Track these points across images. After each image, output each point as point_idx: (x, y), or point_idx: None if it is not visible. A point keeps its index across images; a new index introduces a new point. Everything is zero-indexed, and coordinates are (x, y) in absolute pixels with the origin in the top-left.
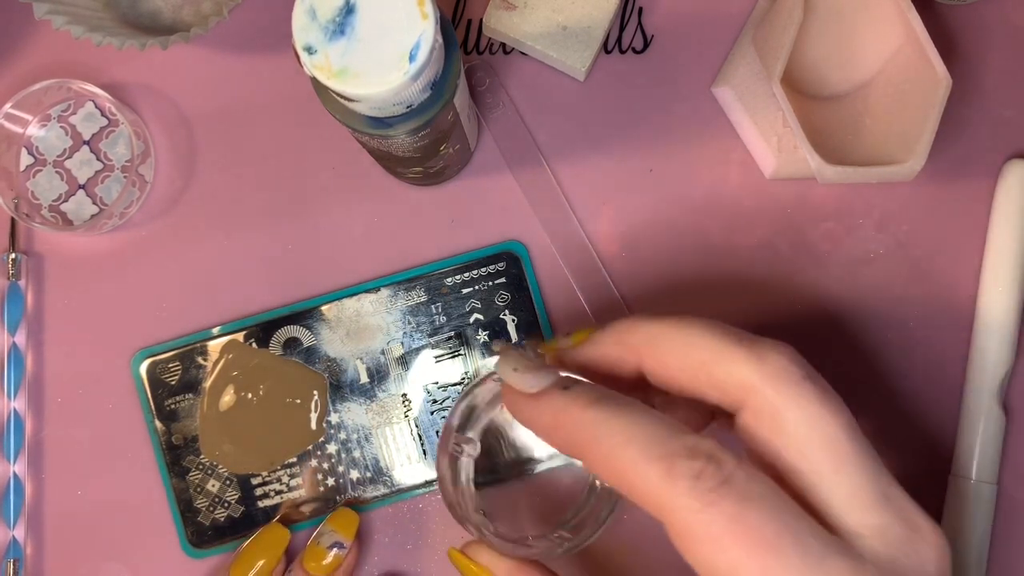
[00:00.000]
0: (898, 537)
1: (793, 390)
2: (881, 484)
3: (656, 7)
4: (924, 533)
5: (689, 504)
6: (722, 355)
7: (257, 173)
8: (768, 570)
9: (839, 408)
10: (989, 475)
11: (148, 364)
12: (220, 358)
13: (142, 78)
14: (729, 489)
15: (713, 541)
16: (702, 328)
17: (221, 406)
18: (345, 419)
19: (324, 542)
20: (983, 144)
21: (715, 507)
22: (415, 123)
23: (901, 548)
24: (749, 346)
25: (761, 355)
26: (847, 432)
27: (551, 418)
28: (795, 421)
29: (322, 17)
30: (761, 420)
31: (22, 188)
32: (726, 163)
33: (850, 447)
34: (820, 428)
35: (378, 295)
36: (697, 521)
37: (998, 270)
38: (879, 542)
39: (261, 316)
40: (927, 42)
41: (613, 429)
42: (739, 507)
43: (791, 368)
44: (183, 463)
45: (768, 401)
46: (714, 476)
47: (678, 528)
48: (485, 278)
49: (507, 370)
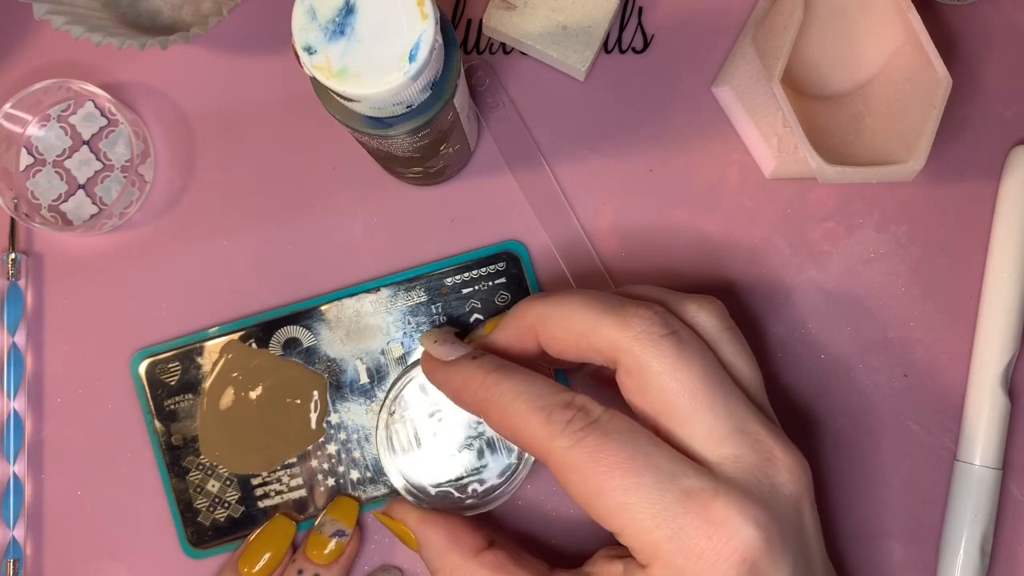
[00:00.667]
0: (752, 463)
1: (652, 348)
2: (735, 421)
3: (656, 7)
4: (778, 458)
5: (562, 443)
6: (596, 323)
7: (257, 173)
8: (626, 489)
9: (695, 358)
10: (994, 460)
11: (148, 364)
12: (220, 358)
13: (142, 78)
14: (594, 428)
15: (582, 470)
16: (579, 301)
17: (221, 406)
18: (345, 419)
19: (326, 531)
20: (983, 144)
21: (582, 443)
22: (415, 123)
23: (754, 472)
24: (618, 311)
25: (626, 319)
26: (702, 380)
27: (460, 381)
28: (655, 373)
29: (322, 17)
30: (631, 376)
31: (22, 188)
32: (726, 163)
33: (705, 392)
34: (677, 378)
35: (378, 295)
36: (568, 456)
37: (1004, 256)
38: (733, 468)
39: (261, 316)
40: (927, 42)
41: (506, 388)
42: (601, 440)
43: (652, 328)
44: (183, 463)
45: (634, 358)
46: (582, 420)
47: (556, 464)
48: (485, 278)
49: (429, 341)
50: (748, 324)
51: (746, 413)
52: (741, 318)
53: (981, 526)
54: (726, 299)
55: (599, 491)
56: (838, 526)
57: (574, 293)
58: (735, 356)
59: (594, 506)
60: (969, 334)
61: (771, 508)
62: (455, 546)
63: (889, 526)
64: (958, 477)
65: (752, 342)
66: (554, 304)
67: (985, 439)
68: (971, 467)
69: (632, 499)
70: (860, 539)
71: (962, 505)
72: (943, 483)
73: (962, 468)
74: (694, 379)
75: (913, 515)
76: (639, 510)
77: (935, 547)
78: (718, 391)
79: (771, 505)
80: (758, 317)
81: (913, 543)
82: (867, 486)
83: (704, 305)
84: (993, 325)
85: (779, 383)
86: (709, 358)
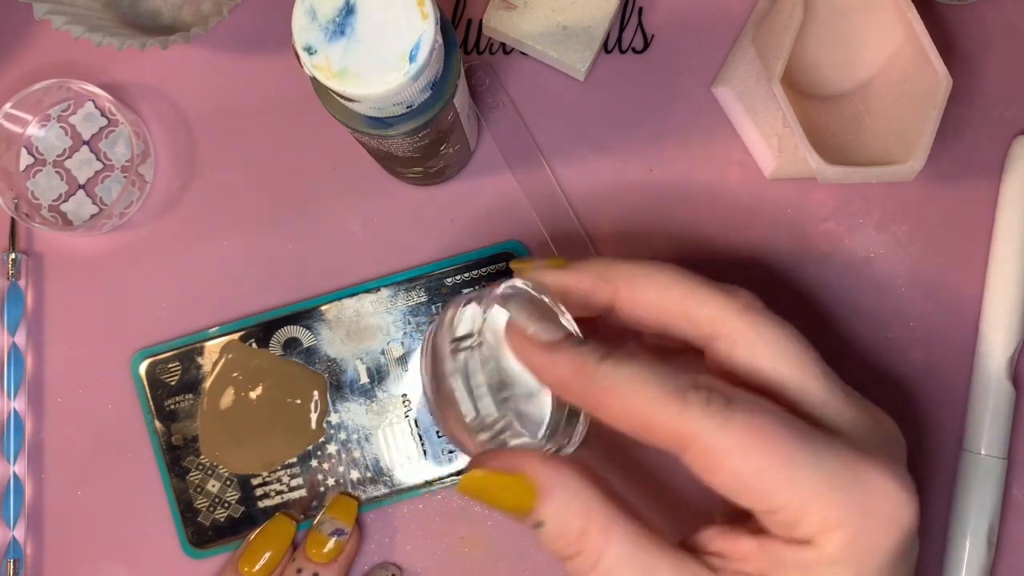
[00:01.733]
0: (866, 424)
1: (761, 319)
2: (840, 387)
3: (656, 7)
4: (880, 416)
5: (707, 426)
6: (697, 293)
7: (257, 173)
8: (789, 463)
9: (796, 332)
10: (999, 450)
11: (148, 364)
12: (220, 358)
13: (142, 78)
14: (737, 406)
15: (737, 451)
16: (676, 270)
17: (221, 406)
18: (345, 419)
19: (325, 529)
20: (983, 144)
21: (730, 422)
22: (415, 123)
23: (872, 432)
24: (719, 286)
25: (731, 292)
26: (807, 349)
27: (568, 371)
28: (765, 343)
29: (322, 17)
30: (736, 347)
31: (22, 188)
32: (726, 163)
33: (811, 360)
34: (786, 347)
35: (378, 295)
36: (718, 438)
37: (1007, 246)
38: (856, 431)
39: (261, 316)
40: (927, 42)
41: (626, 376)
42: (749, 418)
43: (756, 302)
44: (183, 463)
45: (741, 329)
46: (720, 399)
47: (702, 451)
48: (485, 278)
49: (523, 319)
50: None
51: (840, 380)
52: None
53: (987, 516)
54: None
55: (757, 471)
56: None
57: (668, 263)
58: None
59: (749, 488)
60: (970, 333)
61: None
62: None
63: None
64: (964, 467)
65: None
66: (649, 267)
67: (991, 428)
68: (977, 456)
69: (797, 474)
70: None
71: (968, 495)
72: (944, 483)
73: (968, 457)
74: (801, 349)
75: None
76: (806, 484)
77: (936, 546)
78: (819, 361)
79: (903, 463)
80: None
81: None
82: None
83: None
84: (998, 313)
85: None
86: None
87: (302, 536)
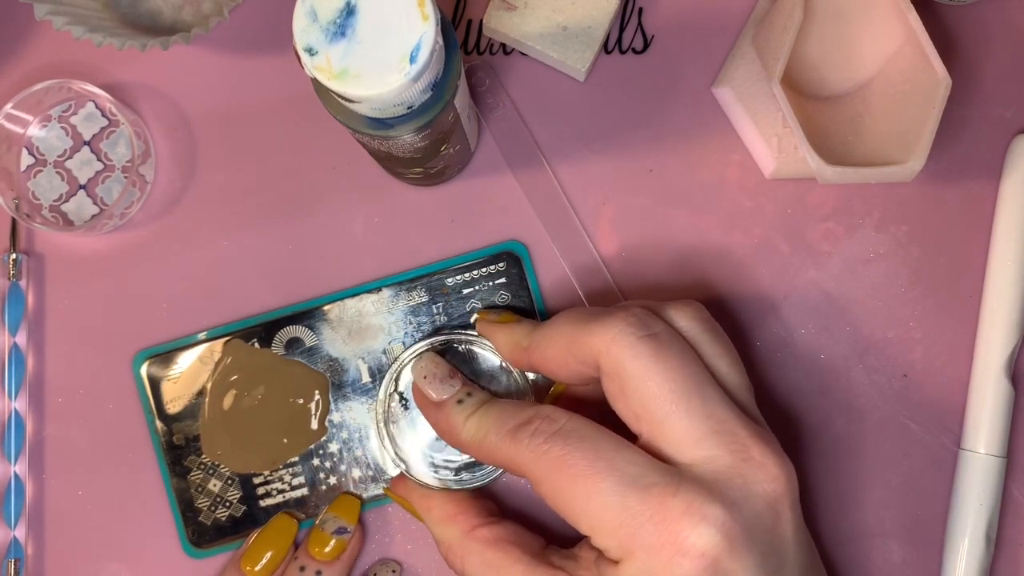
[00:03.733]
0: (725, 464)
1: (629, 349)
2: (712, 422)
3: (656, 7)
4: (755, 459)
5: (530, 458)
6: (578, 332)
7: (257, 173)
8: (590, 493)
9: (673, 360)
10: (998, 448)
11: (149, 364)
12: (222, 358)
13: (142, 78)
14: (557, 438)
15: (549, 480)
16: (565, 317)
17: (223, 406)
18: (347, 418)
19: (328, 528)
20: (983, 144)
21: (547, 455)
22: (415, 124)
23: (726, 471)
24: (599, 318)
25: (605, 323)
26: (679, 381)
27: (445, 426)
28: (632, 375)
29: (323, 18)
30: (611, 380)
31: (23, 188)
32: (726, 163)
33: (681, 393)
34: (653, 380)
35: (380, 295)
36: (536, 469)
37: (1007, 246)
38: (705, 469)
39: (263, 316)
40: (927, 42)
41: (478, 427)
42: (564, 450)
43: (628, 330)
44: (184, 463)
45: (611, 360)
46: (547, 430)
47: (531, 479)
48: (486, 278)
49: (420, 376)
50: (747, 324)
51: (725, 414)
52: (740, 318)
53: (986, 515)
54: (726, 299)
55: (567, 498)
56: (838, 526)
57: (562, 312)
58: (716, 357)
59: (565, 512)
60: (969, 334)
61: (737, 507)
62: (453, 521)
63: (889, 526)
64: (962, 466)
65: (751, 342)
66: (545, 325)
67: (989, 427)
68: (975, 455)
69: (596, 503)
70: (860, 539)
71: (967, 494)
72: (943, 482)
73: (967, 456)
74: (671, 380)
75: (913, 515)
76: (604, 512)
77: (935, 547)
78: (695, 392)
79: (738, 504)
80: (758, 317)
81: (913, 543)
82: (867, 486)
83: (683, 308)
84: (997, 312)
85: (779, 383)
86: (690, 359)
87: (304, 534)
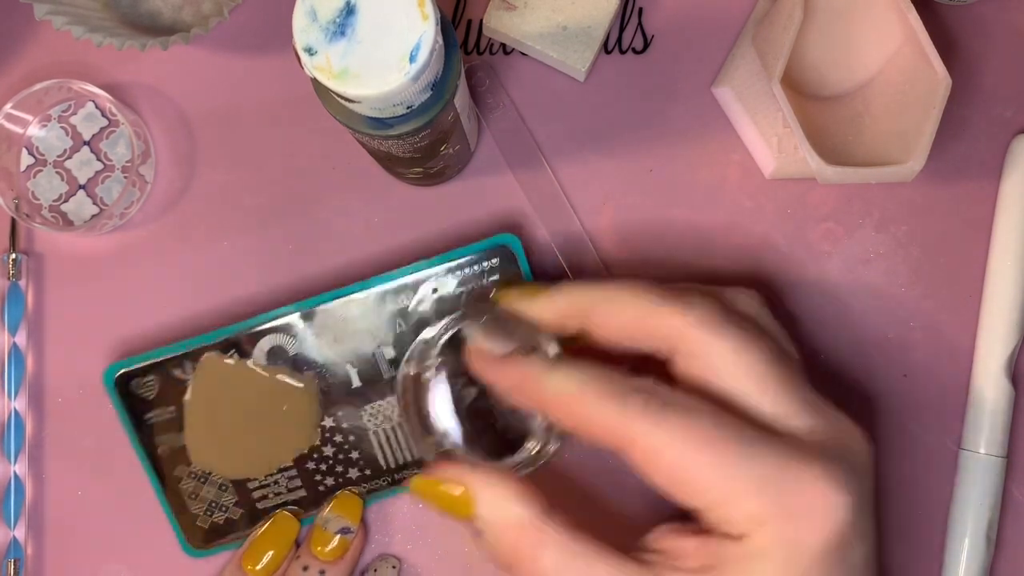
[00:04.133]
0: (823, 431)
1: (715, 331)
2: (802, 395)
3: (656, 7)
4: (846, 428)
5: (643, 426)
6: (654, 310)
7: (258, 173)
8: (720, 463)
9: (757, 342)
10: (998, 448)
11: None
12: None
13: (142, 78)
14: (672, 408)
15: (670, 450)
16: (636, 288)
17: (207, 417)
18: (340, 422)
19: (331, 528)
20: (983, 144)
21: (665, 422)
22: (415, 124)
23: (825, 438)
24: (677, 299)
25: (687, 305)
26: (766, 358)
27: (517, 377)
28: (719, 355)
29: (322, 18)
30: (692, 360)
31: (22, 188)
32: (726, 163)
33: (769, 370)
34: (741, 359)
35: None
36: (652, 439)
37: (1007, 245)
38: (806, 436)
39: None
40: (927, 42)
41: (570, 380)
42: (683, 419)
43: (712, 314)
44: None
45: (696, 343)
46: (657, 401)
47: (638, 451)
48: (478, 276)
49: (477, 333)
50: None
51: (809, 390)
52: None
53: (986, 515)
54: None
55: (688, 467)
56: None
57: (626, 281)
58: (784, 341)
59: (685, 485)
60: (969, 334)
61: (856, 473)
62: (522, 499)
63: (889, 526)
64: (963, 466)
65: None
66: (609, 289)
67: (990, 427)
68: (976, 455)
69: (729, 471)
70: None
71: (967, 494)
72: (943, 483)
73: (967, 457)
74: (759, 360)
75: (913, 515)
76: (737, 481)
77: (935, 547)
78: (783, 370)
79: (856, 471)
80: None
81: (913, 543)
82: None
83: (748, 294)
84: (997, 312)
85: None
86: (767, 341)
87: (305, 533)
